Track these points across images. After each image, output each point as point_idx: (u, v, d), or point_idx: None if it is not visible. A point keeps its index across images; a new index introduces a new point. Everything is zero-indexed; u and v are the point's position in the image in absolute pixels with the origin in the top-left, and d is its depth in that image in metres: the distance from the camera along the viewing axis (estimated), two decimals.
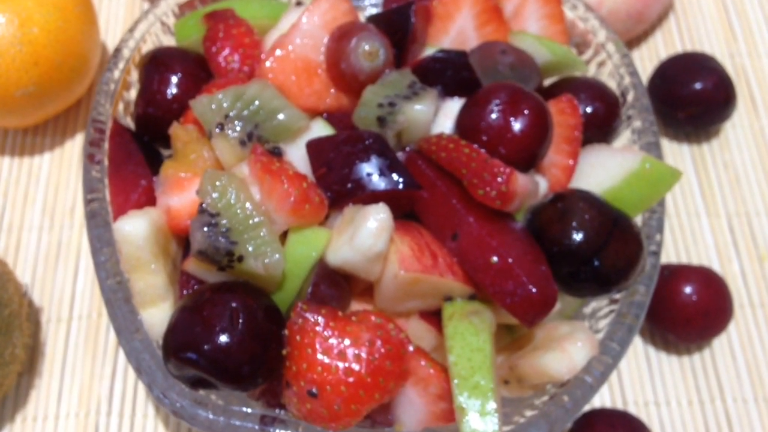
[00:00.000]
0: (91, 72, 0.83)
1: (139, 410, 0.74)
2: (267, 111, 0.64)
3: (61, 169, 0.85)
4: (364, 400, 0.58)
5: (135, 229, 0.61)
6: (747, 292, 0.81)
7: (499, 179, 0.59)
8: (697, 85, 0.84)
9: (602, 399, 0.76)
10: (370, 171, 0.62)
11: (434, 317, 0.64)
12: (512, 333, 0.70)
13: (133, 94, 0.75)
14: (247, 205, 0.60)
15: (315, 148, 0.64)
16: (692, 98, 0.84)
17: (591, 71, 0.78)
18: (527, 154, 0.63)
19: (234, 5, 0.75)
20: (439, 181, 0.63)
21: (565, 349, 0.61)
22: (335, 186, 0.62)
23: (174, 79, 0.71)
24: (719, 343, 0.79)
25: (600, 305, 0.69)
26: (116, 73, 0.72)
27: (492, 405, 0.57)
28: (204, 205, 0.59)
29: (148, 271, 0.62)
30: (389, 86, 0.65)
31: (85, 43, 0.81)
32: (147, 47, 0.76)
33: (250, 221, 0.59)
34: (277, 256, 0.59)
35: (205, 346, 0.57)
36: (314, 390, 0.57)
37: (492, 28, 0.73)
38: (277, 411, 0.62)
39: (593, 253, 0.60)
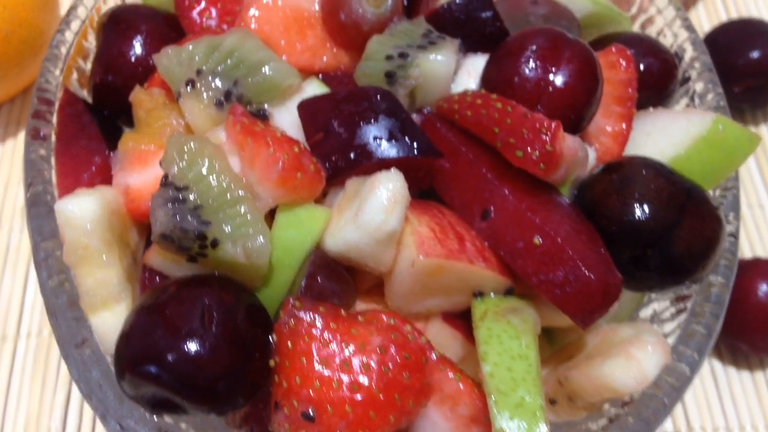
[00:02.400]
0: (46, 46, 0.71)
1: None
2: (249, 64, 0.51)
3: (13, 163, 0.73)
4: (376, 424, 0.45)
5: (81, 209, 0.48)
6: None
7: (543, 136, 0.46)
8: (755, 54, 0.72)
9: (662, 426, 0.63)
10: (377, 135, 0.49)
11: (460, 320, 0.52)
12: (553, 342, 0.57)
13: (90, 64, 0.62)
14: (224, 176, 0.47)
15: (309, 109, 0.51)
16: (750, 69, 0.72)
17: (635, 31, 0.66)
18: (573, 113, 0.51)
19: None
20: (464, 146, 0.50)
21: (631, 355, 0.48)
22: (335, 155, 0.49)
23: (138, 40, 0.59)
24: None
25: (662, 306, 0.56)
26: (69, 35, 0.61)
27: (543, 429, 0.44)
28: (169, 176, 0.47)
29: (99, 263, 0.49)
30: (400, 36, 0.54)
31: (38, 11, 0.69)
32: (109, 7, 0.63)
33: (227, 196, 0.47)
34: (261, 239, 0.46)
35: (169, 356, 0.44)
36: (311, 411, 0.44)
37: None
38: None
39: (663, 233, 0.48)
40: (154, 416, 0.48)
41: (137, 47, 0.59)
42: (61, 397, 0.62)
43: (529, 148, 0.46)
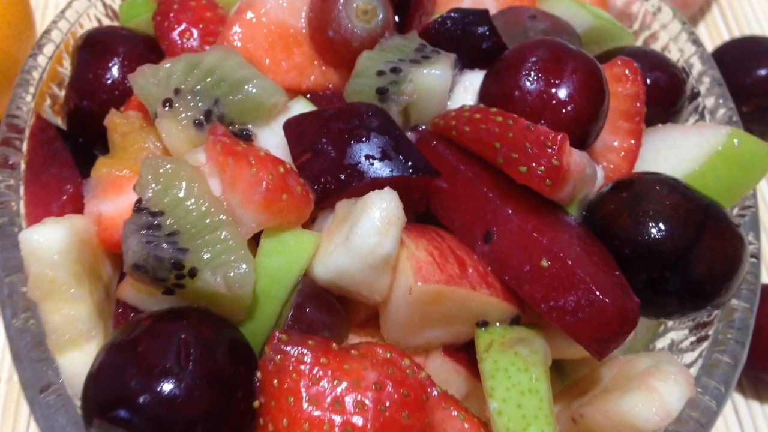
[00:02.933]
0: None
1: None
2: (231, 82, 0.48)
3: None
4: None
5: (47, 239, 0.44)
6: None
7: (549, 150, 0.42)
8: (763, 71, 0.69)
9: None
10: (369, 153, 0.46)
11: (463, 353, 0.48)
12: (565, 377, 0.52)
13: (64, 90, 0.59)
14: (202, 200, 0.43)
15: (295, 128, 0.48)
16: (759, 87, 0.70)
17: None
18: (579, 128, 0.48)
19: None
20: (463, 165, 0.47)
21: (652, 387, 0.44)
22: (324, 176, 0.46)
23: (114, 63, 0.56)
24: None
25: (681, 335, 0.52)
26: (42, 60, 0.57)
27: None
28: (143, 201, 0.43)
29: (66, 298, 0.45)
30: (391, 51, 0.50)
31: (13, 39, 0.66)
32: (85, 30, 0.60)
33: (207, 220, 0.43)
34: (244, 267, 0.42)
35: (141, 398, 0.40)
36: None
37: None
38: None
39: (682, 253, 0.44)
40: None
41: (114, 70, 0.55)
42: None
43: (533, 163, 0.43)
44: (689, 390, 0.44)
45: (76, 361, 0.45)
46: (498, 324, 0.46)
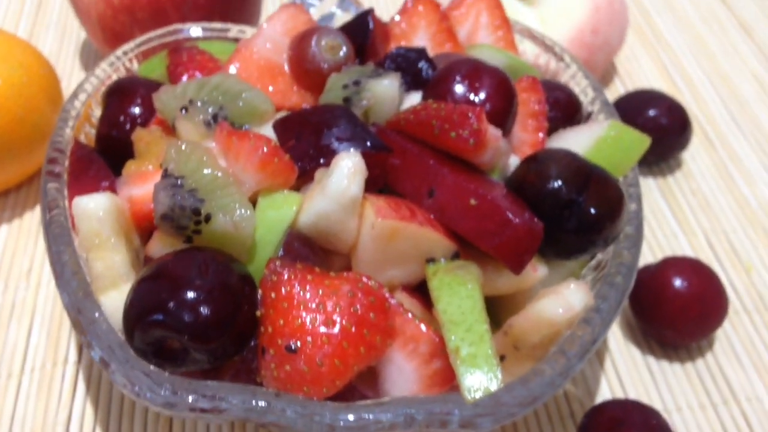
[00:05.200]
0: (51, 133, 0.82)
1: None
2: (232, 93, 0.63)
3: (19, 238, 0.82)
4: (349, 354, 0.52)
5: (95, 203, 0.58)
6: (740, 300, 0.78)
7: (470, 118, 0.58)
8: (651, 112, 0.87)
9: None
10: (339, 136, 0.60)
11: (419, 292, 0.60)
12: (500, 323, 0.65)
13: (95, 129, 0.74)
14: (214, 167, 0.57)
15: (282, 124, 0.63)
16: (649, 124, 0.86)
17: None
18: (495, 120, 0.62)
19: (198, 44, 0.77)
20: (410, 144, 0.61)
21: (558, 292, 0.57)
22: (305, 154, 0.60)
23: (136, 101, 0.70)
24: (720, 346, 0.74)
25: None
26: (77, 104, 0.72)
27: (488, 346, 0.52)
28: (168, 170, 0.57)
29: (108, 248, 0.58)
30: (353, 72, 0.66)
31: (47, 103, 0.82)
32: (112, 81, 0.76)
33: (218, 181, 0.57)
34: (247, 211, 0.56)
35: (170, 303, 0.52)
36: (293, 344, 0.52)
37: (448, 48, 0.76)
38: None
39: (575, 195, 0.58)
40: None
41: (136, 107, 0.70)
42: (63, 415, 0.68)
43: (459, 129, 0.58)
44: (588, 297, 0.57)
45: (116, 298, 0.57)
46: (442, 259, 0.59)
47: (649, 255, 0.82)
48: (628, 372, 0.72)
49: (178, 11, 0.87)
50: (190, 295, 0.52)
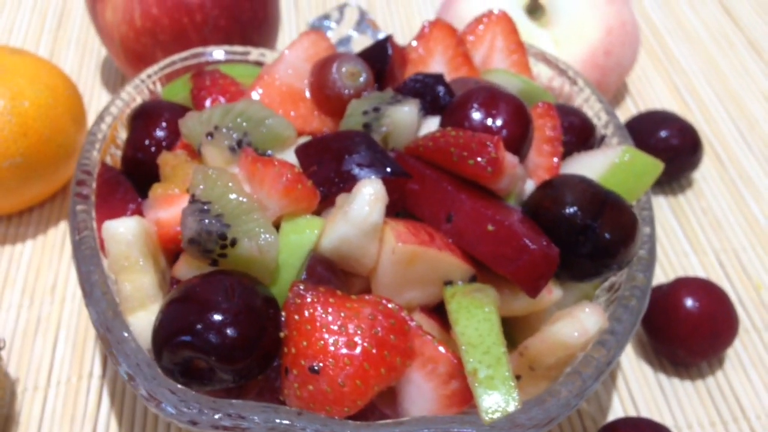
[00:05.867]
0: (76, 155, 0.85)
1: None
2: (255, 120, 0.65)
3: (43, 254, 0.84)
4: (370, 375, 0.54)
5: (125, 227, 0.60)
6: (749, 319, 0.80)
7: (489, 147, 0.60)
8: (663, 133, 0.88)
9: None
10: (359, 162, 0.62)
11: (437, 314, 0.62)
12: (516, 343, 0.67)
13: (121, 151, 0.76)
14: (239, 193, 0.59)
15: (304, 150, 0.65)
16: (660, 145, 0.88)
17: None
18: (512, 146, 0.64)
19: (220, 67, 0.79)
20: (429, 170, 0.63)
21: (573, 315, 0.58)
22: (326, 180, 0.62)
23: (161, 125, 0.72)
24: (731, 364, 0.75)
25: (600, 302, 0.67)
26: (103, 127, 0.74)
27: (505, 368, 0.54)
28: (195, 195, 0.59)
29: (137, 270, 0.60)
30: (373, 98, 0.68)
31: (72, 123, 0.84)
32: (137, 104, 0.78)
33: (243, 207, 0.59)
34: (271, 236, 0.58)
35: (198, 325, 0.54)
36: (316, 366, 0.54)
37: (465, 72, 0.78)
38: None
39: (590, 220, 0.60)
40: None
41: (161, 131, 0.72)
42: (88, 428, 0.70)
43: (478, 157, 0.60)
44: (603, 320, 0.59)
45: (143, 319, 0.59)
46: (460, 282, 0.61)
47: (660, 273, 0.83)
48: (640, 390, 0.74)
49: (199, 33, 0.89)
50: (217, 317, 0.54)
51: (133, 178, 0.72)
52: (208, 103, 0.73)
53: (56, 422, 0.70)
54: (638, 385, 0.74)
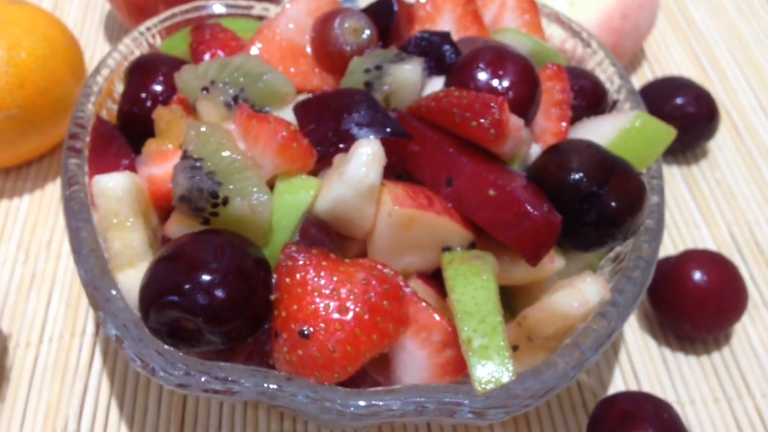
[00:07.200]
0: (73, 106, 0.83)
1: (111, 427, 0.67)
2: (253, 75, 0.63)
3: (41, 209, 0.83)
4: (361, 341, 0.53)
5: (114, 182, 0.58)
6: (760, 294, 0.77)
7: (493, 108, 0.57)
8: (679, 100, 0.85)
9: None
10: (359, 121, 0.60)
11: (434, 280, 0.60)
12: (515, 312, 0.65)
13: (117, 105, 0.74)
14: (233, 150, 0.57)
15: (302, 107, 0.63)
16: (676, 113, 0.85)
17: None
18: (518, 108, 0.62)
19: (221, 21, 0.76)
20: (430, 132, 0.61)
21: (574, 285, 0.56)
22: (324, 138, 0.60)
23: (158, 78, 0.70)
24: (738, 340, 0.73)
25: (605, 278, 0.65)
26: (99, 79, 0.72)
27: (501, 338, 0.52)
28: (187, 151, 0.57)
29: (126, 227, 0.58)
30: (376, 56, 0.66)
31: (70, 75, 0.82)
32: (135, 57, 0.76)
33: (236, 164, 0.57)
34: (264, 196, 0.56)
35: (186, 285, 0.52)
36: (306, 330, 0.52)
37: (474, 31, 0.75)
38: None
39: (595, 187, 0.58)
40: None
41: (158, 85, 0.70)
42: (79, 387, 0.69)
43: (481, 118, 0.57)
44: (604, 291, 0.57)
45: (132, 277, 0.58)
46: (458, 248, 0.59)
47: (669, 245, 0.81)
48: (642, 363, 0.72)
49: None
50: (206, 277, 0.52)
51: (128, 133, 0.70)
52: (207, 57, 0.71)
53: (47, 379, 0.70)
54: (641, 358, 0.72)
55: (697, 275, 0.70)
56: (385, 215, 0.56)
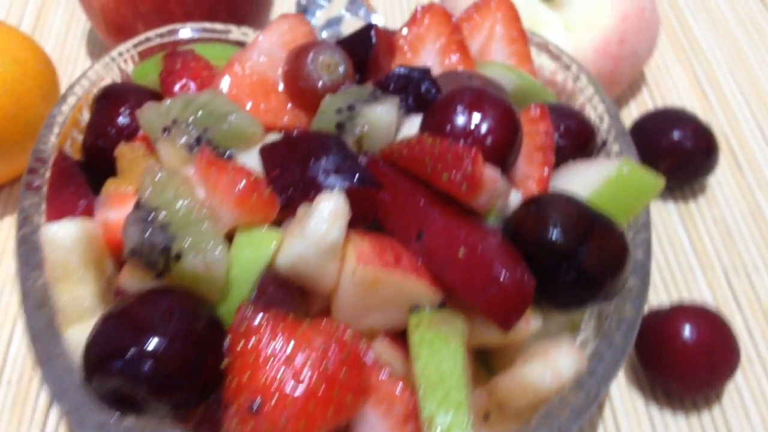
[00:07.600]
0: None
1: None
2: (218, 114, 0.60)
3: (8, 239, 0.80)
4: (316, 416, 0.49)
5: (64, 231, 0.55)
6: (754, 346, 0.73)
7: (465, 160, 0.53)
8: (676, 134, 0.81)
9: None
10: (326, 168, 0.56)
11: (402, 339, 0.56)
12: (491, 371, 0.61)
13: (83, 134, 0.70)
14: (189, 200, 0.54)
15: (268, 151, 0.59)
16: (673, 147, 0.81)
17: None
18: (497, 155, 0.58)
19: (196, 47, 0.73)
20: (402, 180, 0.57)
21: (548, 355, 0.53)
22: (288, 186, 0.56)
23: (125, 110, 0.67)
24: (729, 398, 0.69)
25: (587, 337, 0.61)
26: (65, 108, 0.69)
27: (465, 417, 0.49)
28: (141, 200, 0.54)
29: (75, 280, 0.55)
30: (349, 94, 0.62)
31: (41, 99, 0.78)
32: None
33: (192, 216, 0.53)
34: (218, 251, 0.52)
35: (130, 351, 0.49)
36: (256, 404, 0.49)
37: (458, 62, 0.71)
38: None
39: (574, 246, 0.54)
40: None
41: (124, 116, 0.67)
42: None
43: (453, 170, 0.54)
44: (580, 362, 0.53)
45: (80, 333, 0.55)
46: (428, 308, 0.55)
47: (661, 289, 0.77)
48: (628, 421, 0.68)
49: (181, 5, 0.83)
50: (151, 343, 0.49)
51: (93, 167, 0.67)
52: (176, 88, 0.67)
53: (2, 424, 0.67)
54: (626, 415, 0.68)
55: (687, 331, 0.66)
56: (348, 274, 0.53)
